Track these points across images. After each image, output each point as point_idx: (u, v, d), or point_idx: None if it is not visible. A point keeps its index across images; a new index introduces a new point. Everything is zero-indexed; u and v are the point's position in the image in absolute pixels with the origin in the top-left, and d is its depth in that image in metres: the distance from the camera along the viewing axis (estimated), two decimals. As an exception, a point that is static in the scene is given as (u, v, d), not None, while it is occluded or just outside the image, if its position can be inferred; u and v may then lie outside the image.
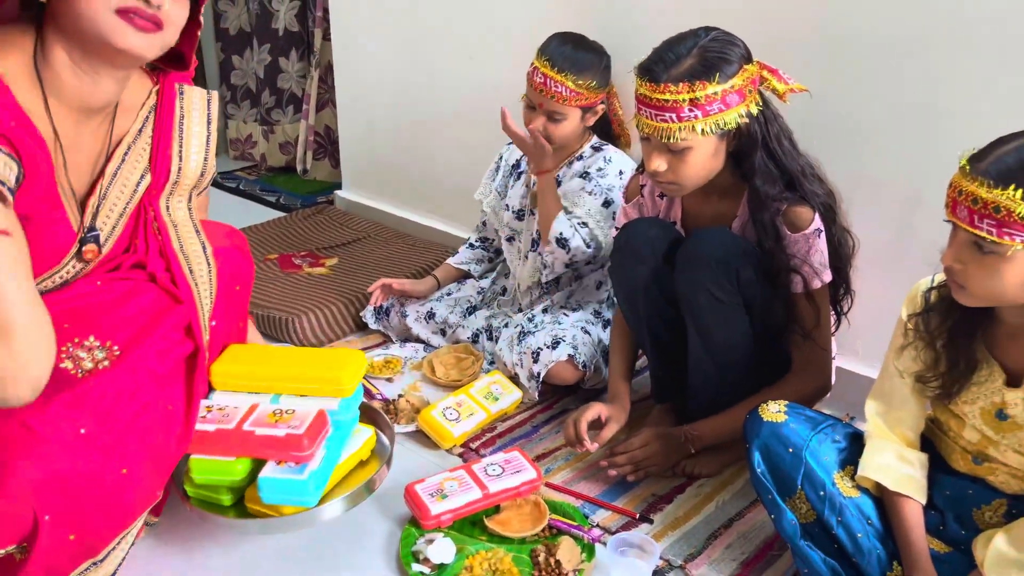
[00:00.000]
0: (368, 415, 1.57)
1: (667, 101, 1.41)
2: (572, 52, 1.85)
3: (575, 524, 1.50)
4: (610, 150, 1.97)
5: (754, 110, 1.44)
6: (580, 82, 1.84)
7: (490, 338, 2.08)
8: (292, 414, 1.35)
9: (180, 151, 1.39)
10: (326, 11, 3.04)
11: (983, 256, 1.11)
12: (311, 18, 3.32)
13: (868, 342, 1.80)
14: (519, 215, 2.10)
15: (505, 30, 2.30)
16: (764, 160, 1.47)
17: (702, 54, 1.41)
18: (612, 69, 1.92)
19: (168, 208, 1.39)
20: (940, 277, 1.27)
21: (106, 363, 1.25)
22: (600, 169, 1.93)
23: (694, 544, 1.49)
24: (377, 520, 1.55)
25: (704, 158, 1.47)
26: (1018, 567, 1.18)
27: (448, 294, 2.22)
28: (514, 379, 1.92)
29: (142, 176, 1.36)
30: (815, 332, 1.54)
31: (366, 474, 1.45)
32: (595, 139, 2.00)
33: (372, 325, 2.22)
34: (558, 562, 1.41)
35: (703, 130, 1.42)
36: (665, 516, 1.56)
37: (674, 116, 1.41)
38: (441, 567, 1.42)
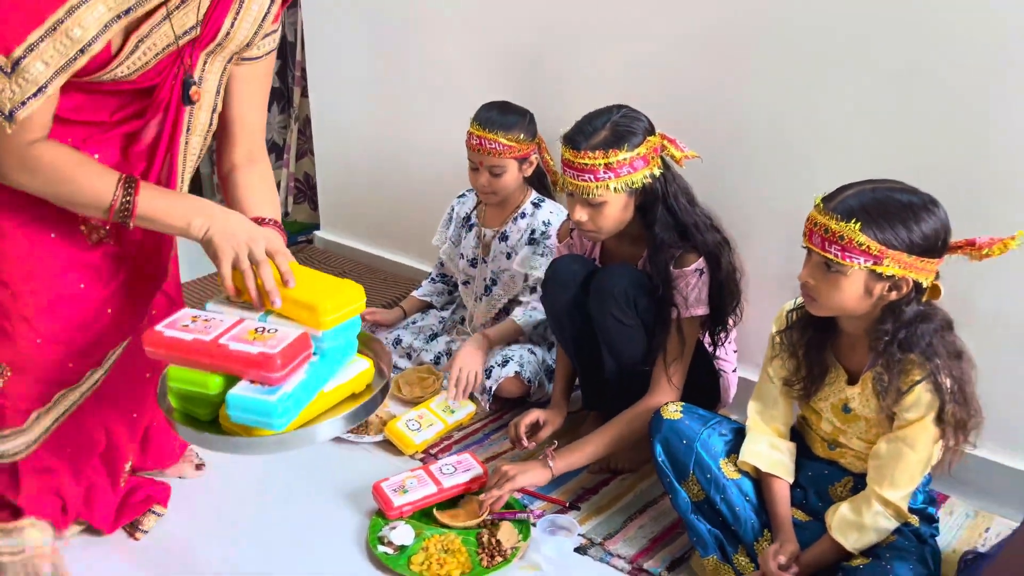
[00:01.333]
0: (371, 347, 1.47)
1: (586, 164, 1.73)
2: (498, 115, 2.19)
3: (514, 511, 1.80)
4: (547, 207, 2.29)
5: (656, 172, 1.77)
6: (510, 136, 2.17)
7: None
8: (273, 334, 1.25)
9: (234, 20, 1.39)
10: (304, 71, 3.37)
11: (830, 274, 1.43)
12: (290, 76, 3.64)
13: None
14: (472, 263, 2.42)
15: (460, 91, 2.63)
16: (664, 213, 1.80)
17: (614, 128, 1.74)
18: (542, 128, 2.25)
19: (204, 64, 1.42)
20: (799, 301, 1.59)
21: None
22: (544, 232, 2.25)
23: (613, 526, 1.79)
24: (349, 513, 1.84)
25: (616, 211, 1.79)
26: (856, 528, 1.49)
27: (413, 322, 2.52)
28: (469, 394, 2.23)
29: (192, 27, 1.35)
30: (674, 358, 1.82)
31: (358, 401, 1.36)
32: (535, 194, 2.32)
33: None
34: (499, 541, 1.71)
35: (615, 188, 1.74)
36: (591, 504, 1.86)
37: (592, 177, 1.74)
38: (402, 548, 1.71)
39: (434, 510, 1.81)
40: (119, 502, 1.75)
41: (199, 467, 1.96)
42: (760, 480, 1.63)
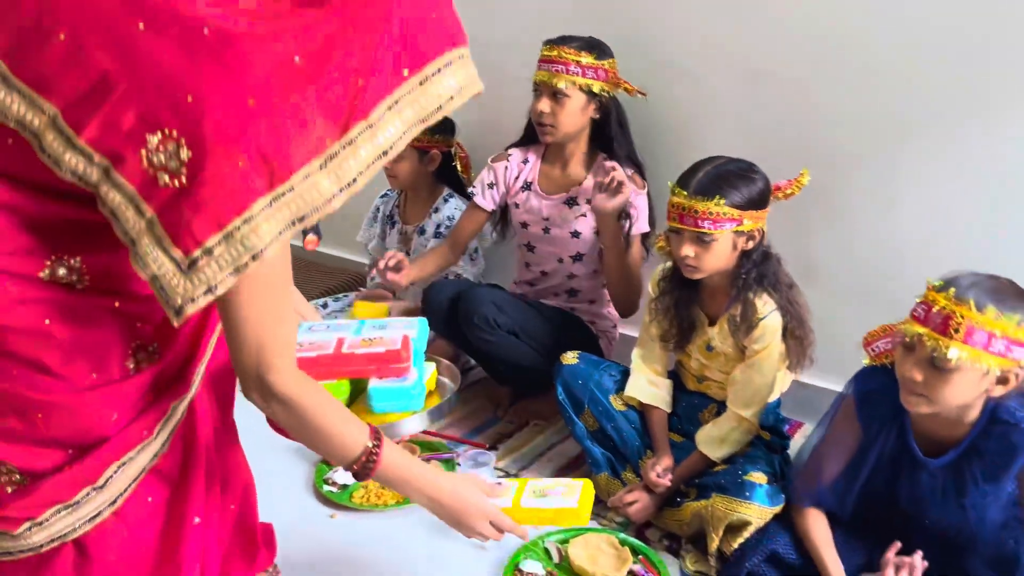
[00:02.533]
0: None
1: (560, 57, 2.06)
2: None
3: (440, 452, 2.10)
4: (453, 203, 2.53)
5: (610, 92, 2.10)
6: None
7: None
8: (381, 339, 1.44)
9: None
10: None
11: (706, 244, 1.76)
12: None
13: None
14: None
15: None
16: (618, 130, 2.15)
17: (589, 40, 2.09)
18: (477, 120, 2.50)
19: None
20: (666, 269, 1.92)
21: None
22: (448, 227, 2.48)
23: (525, 461, 2.11)
24: (300, 463, 2.11)
25: (576, 109, 2.10)
26: (719, 441, 1.83)
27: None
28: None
29: None
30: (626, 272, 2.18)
31: (435, 401, 1.54)
32: (447, 191, 2.57)
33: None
34: (428, 476, 2.00)
35: (579, 85, 2.06)
36: (507, 446, 2.18)
37: (564, 69, 2.05)
38: (345, 487, 1.99)
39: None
40: None
41: None
42: (643, 410, 1.97)
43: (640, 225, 2.17)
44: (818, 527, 1.60)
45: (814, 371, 2.17)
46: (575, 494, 1.45)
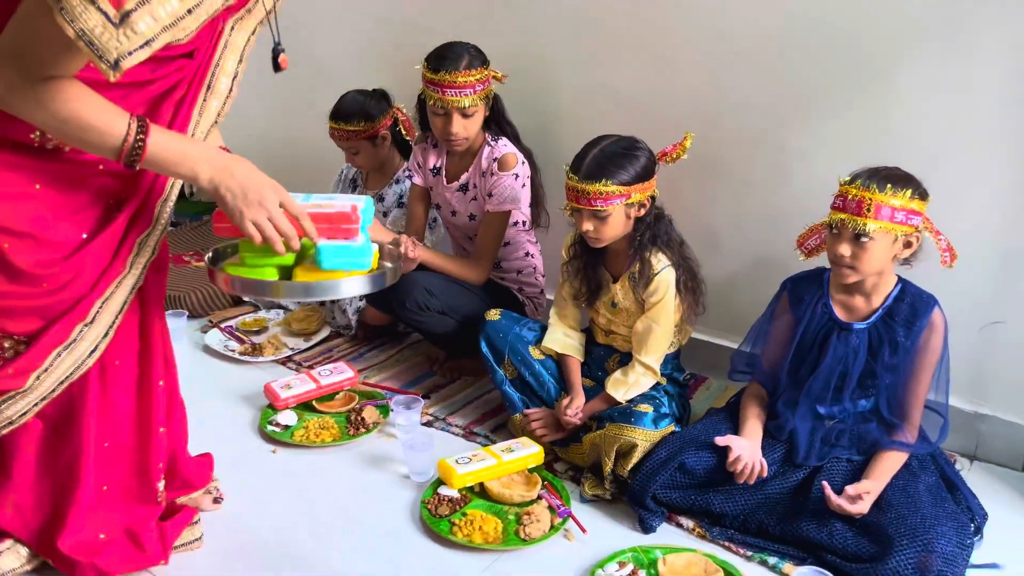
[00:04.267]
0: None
1: (457, 82, 2.23)
2: (346, 106, 2.68)
3: (376, 399, 2.30)
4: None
5: (492, 93, 2.33)
6: (352, 124, 2.65)
7: (334, 301, 2.85)
8: (331, 205, 1.51)
9: None
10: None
11: (601, 219, 1.98)
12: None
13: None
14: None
15: (337, 85, 3.11)
16: (505, 125, 2.38)
17: (468, 52, 2.26)
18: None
19: (231, 28, 1.44)
20: (574, 238, 2.14)
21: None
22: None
23: (453, 408, 2.32)
24: (246, 409, 2.31)
25: (480, 118, 2.31)
26: (624, 384, 2.04)
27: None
28: (344, 325, 2.72)
29: None
30: (484, 243, 2.39)
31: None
32: (406, 164, 2.75)
33: (245, 297, 2.96)
34: (363, 418, 2.20)
35: (479, 98, 2.27)
36: (438, 396, 2.39)
37: (468, 91, 2.24)
38: (287, 427, 2.19)
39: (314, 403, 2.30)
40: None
41: (217, 500, 1.87)
42: (559, 360, 2.18)
43: (500, 204, 2.36)
44: (751, 400, 1.95)
45: (715, 329, 2.44)
46: (532, 445, 1.96)
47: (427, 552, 1.77)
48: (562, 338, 2.18)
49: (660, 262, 2.01)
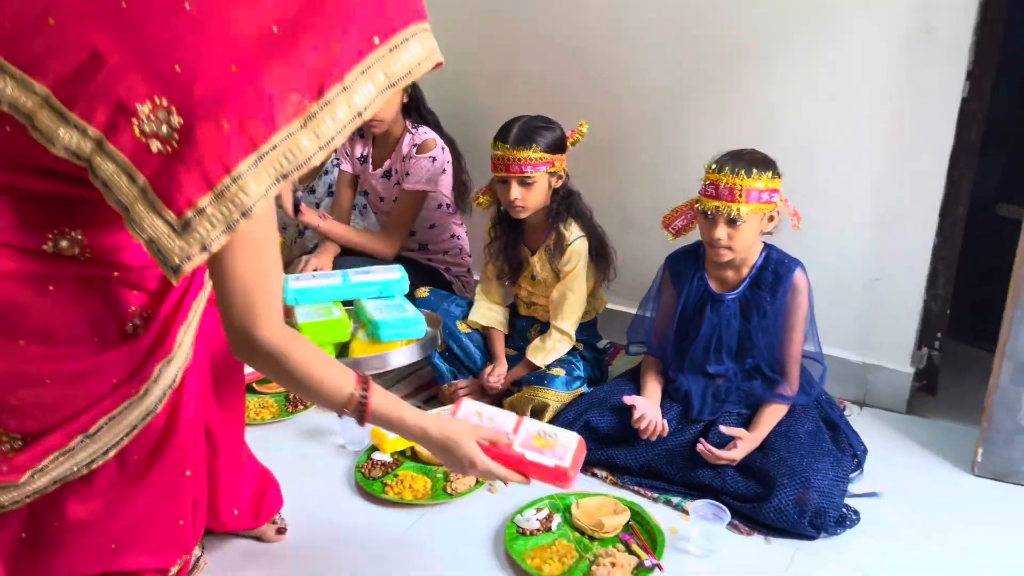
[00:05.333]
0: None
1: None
2: None
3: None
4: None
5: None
6: None
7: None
8: (556, 439, 1.49)
9: None
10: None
11: (527, 186, 2.14)
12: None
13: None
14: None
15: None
16: (427, 114, 2.53)
17: None
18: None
19: None
20: (492, 216, 2.31)
21: None
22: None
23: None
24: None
25: (395, 102, 2.44)
26: (542, 351, 2.22)
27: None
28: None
29: None
30: (397, 218, 2.55)
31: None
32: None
33: None
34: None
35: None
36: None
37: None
38: (230, 407, 2.31)
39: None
40: None
41: (280, 531, 1.83)
42: (484, 332, 2.35)
43: (415, 183, 2.51)
44: (648, 368, 2.12)
45: (631, 300, 2.61)
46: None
47: (362, 510, 1.92)
48: (486, 312, 2.35)
49: (572, 233, 2.19)
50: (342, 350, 1.76)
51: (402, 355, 1.78)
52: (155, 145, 1.10)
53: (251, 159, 1.11)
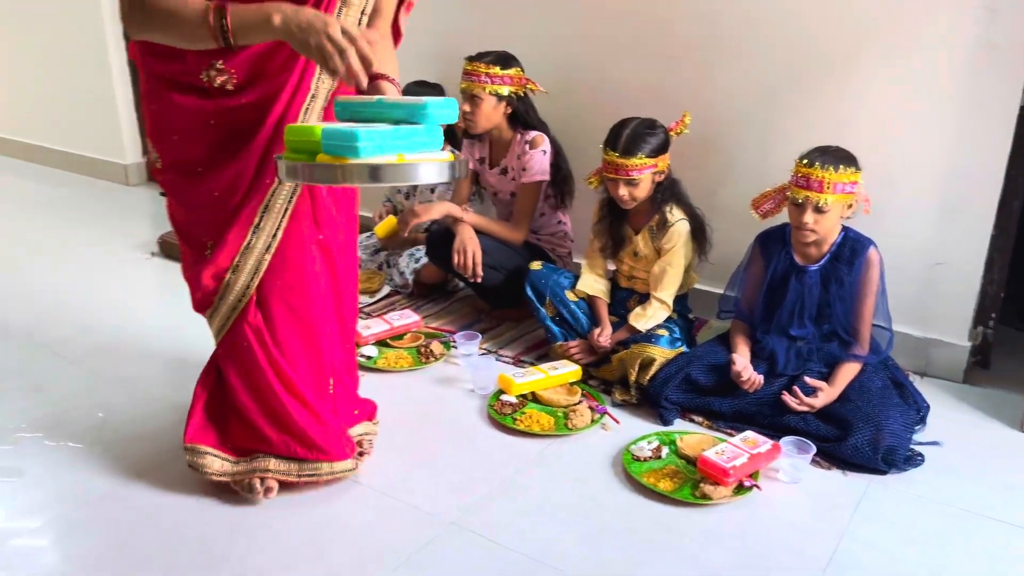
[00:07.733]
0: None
1: (474, 71, 2.79)
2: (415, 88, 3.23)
3: (439, 338, 2.82)
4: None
5: (521, 93, 2.84)
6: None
7: (389, 266, 3.37)
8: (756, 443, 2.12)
9: None
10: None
11: (634, 186, 2.50)
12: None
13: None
14: (407, 195, 3.43)
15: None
16: (532, 117, 2.89)
17: (498, 54, 2.80)
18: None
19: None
20: (602, 199, 2.66)
21: None
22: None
23: (503, 344, 2.84)
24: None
25: (489, 109, 2.82)
26: (643, 317, 2.55)
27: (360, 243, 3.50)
28: (401, 285, 3.23)
29: None
30: (522, 208, 2.91)
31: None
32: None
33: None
34: (431, 350, 2.72)
35: (488, 92, 2.79)
36: (489, 336, 2.90)
37: (476, 79, 2.79)
38: (369, 357, 2.70)
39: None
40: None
41: (361, 454, 2.12)
42: (590, 301, 2.71)
43: (532, 176, 2.87)
44: (737, 331, 2.44)
45: (716, 281, 2.95)
46: (572, 365, 2.47)
47: (497, 438, 2.29)
48: (592, 283, 2.70)
49: (675, 215, 2.54)
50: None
51: (429, 169, 1.50)
52: None
53: None
